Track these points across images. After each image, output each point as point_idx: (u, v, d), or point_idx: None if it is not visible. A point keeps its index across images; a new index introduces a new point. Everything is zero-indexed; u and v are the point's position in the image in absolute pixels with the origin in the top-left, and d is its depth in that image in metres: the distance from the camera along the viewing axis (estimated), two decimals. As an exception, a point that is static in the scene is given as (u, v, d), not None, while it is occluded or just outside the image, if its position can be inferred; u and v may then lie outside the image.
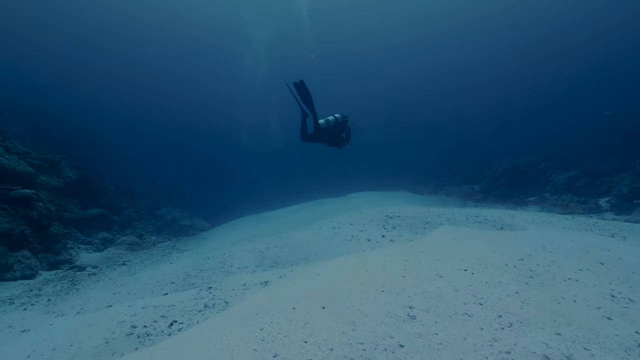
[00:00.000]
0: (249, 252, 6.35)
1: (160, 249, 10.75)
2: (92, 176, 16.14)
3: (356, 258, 4.01)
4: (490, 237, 4.74)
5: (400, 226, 6.35)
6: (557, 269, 3.53)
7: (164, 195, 23.95)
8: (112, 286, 6.04)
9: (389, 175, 30.28)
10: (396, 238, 5.57)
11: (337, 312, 2.81)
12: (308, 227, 7.13)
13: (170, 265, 7.09)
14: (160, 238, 14.96)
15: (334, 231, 6.32)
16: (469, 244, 4.31)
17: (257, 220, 13.25)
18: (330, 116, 6.76)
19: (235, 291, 4.36)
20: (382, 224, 6.53)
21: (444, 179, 22.48)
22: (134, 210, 17.46)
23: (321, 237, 6.10)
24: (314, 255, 5.36)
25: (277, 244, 6.45)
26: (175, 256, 8.55)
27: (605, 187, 13.26)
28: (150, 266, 7.71)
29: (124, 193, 19.11)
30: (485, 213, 6.89)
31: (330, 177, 35.26)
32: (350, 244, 5.51)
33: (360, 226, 6.46)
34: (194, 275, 5.82)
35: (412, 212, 7.12)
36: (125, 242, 12.51)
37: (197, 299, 4.35)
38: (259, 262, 5.78)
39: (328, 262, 4.02)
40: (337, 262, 3.98)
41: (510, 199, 15.37)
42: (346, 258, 4.08)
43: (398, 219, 6.75)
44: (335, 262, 3.99)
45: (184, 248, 9.97)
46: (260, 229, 9.61)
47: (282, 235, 6.86)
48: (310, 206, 13.94)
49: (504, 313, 2.57)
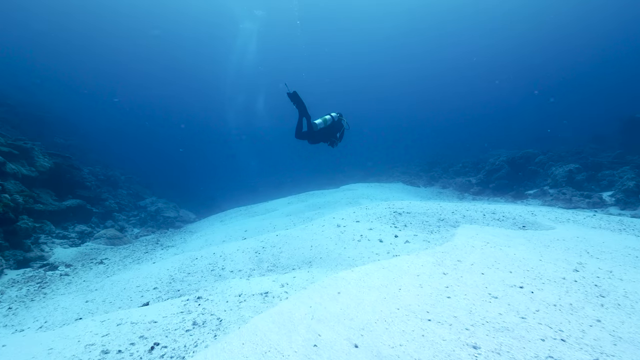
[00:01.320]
0: (242, 253, 5.63)
1: (143, 244, 9.93)
2: (70, 164, 15.08)
3: (380, 269, 3.30)
4: (524, 239, 4.15)
5: (412, 224, 5.72)
6: (621, 282, 2.95)
7: (148, 185, 22.90)
8: (86, 291, 5.26)
9: (380, 167, 29.82)
10: (411, 238, 4.92)
11: (376, 355, 2.11)
12: (308, 224, 6.44)
13: (153, 265, 6.33)
14: (144, 231, 14.10)
15: (339, 229, 5.63)
16: (507, 249, 3.70)
17: (247, 213, 12.50)
18: (327, 115, 7.08)
19: (230, 304, 3.65)
20: (392, 222, 5.89)
21: (438, 171, 22.03)
22: (115, 201, 16.49)
23: (325, 236, 5.41)
24: (319, 259, 4.67)
25: (274, 242, 5.75)
26: (159, 254, 7.77)
27: (607, 180, 12.92)
28: (131, 266, 6.93)
29: (104, 182, 18.09)
30: (502, 209, 6.32)
31: (320, 169, 34.68)
32: (361, 246, 4.84)
33: (368, 224, 5.80)
34: (180, 279, 5.09)
35: (422, 208, 6.48)
36: (104, 235, 11.63)
37: (184, 312, 3.63)
38: (255, 265, 5.07)
39: (346, 275, 3.29)
40: (358, 275, 3.25)
41: (509, 192, 14.96)
42: (368, 268, 3.37)
43: (408, 216, 6.12)
44: (356, 275, 3.27)
45: (168, 244, 9.19)
46: (252, 223, 8.88)
47: (279, 233, 6.15)
48: (303, 198, 13.24)
49: (600, 355, 1.95)
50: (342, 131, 7.43)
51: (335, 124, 7.18)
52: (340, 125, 7.32)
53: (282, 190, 32.65)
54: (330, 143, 7.35)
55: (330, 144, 7.39)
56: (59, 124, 27.09)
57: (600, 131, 27.04)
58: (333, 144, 7.37)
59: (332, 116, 7.15)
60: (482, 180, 16.53)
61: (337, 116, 7.25)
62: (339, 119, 7.30)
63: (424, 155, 30.34)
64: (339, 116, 7.33)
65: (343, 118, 7.42)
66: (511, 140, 32.16)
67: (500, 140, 34.74)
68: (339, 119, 7.30)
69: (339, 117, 7.29)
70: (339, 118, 7.29)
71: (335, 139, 7.30)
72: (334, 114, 7.25)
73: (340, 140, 7.46)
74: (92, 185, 15.56)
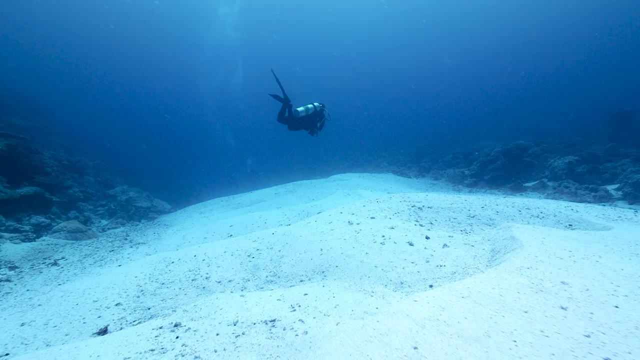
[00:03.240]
0: (231, 256, 4.51)
1: (109, 240, 8.62)
2: (27, 147, 13.40)
3: (458, 298, 2.20)
4: (600, 245, 3.26)
5: (438, 222, 4.75)
6: None
7: (118, 172, 21.18)
8: (25, 307, 4.03)
9: (365, 157, 28.99)
10: (448, 241, 3.94)
11: None
12: (308, 219, 5.36)
13: (119, 269, 5.14)
14: (112, 223, 12.68)
15: (353, 228, 4.58)
16: (602, 260, 2.76)
17: (229, 204, 11.29)
18: (310, 104, 7.49)
19: (222, 339, 2.56)
20: (415, 218, 4.90)
21: (427, 161, 21.31)
22: (81, 189, 14.90)
23: (336, 236, 4.36)
24: (334, 267, 3.61)
25: (271, 243, 4.65)
26: (127, 253, 6.54)
27: (609, 173, 12.43)
28: (91, 269, 5.68)
29: (68, 168, 16.38)
30: (534, 204, 5.43)
31: (302, 158, 33.58)
32: (386, 250, 3.81)
33: (387, 221, 4.79)
34: (152, 292, 3.95)
35: (444, 201, 5.51)
36: (65, 229, 10.19)
37: (156, 352, 2.53)
38: (250, 274, 3.98)
39: (408, 308, 2.18)
40: (427, 308, 2.14)
41: (506, 184, 14.33)
42: (437, 296, 2.24)
43: (430, 211, 5.14)
44: (425, 308, 2.15)
45: (139, 240, 7.93)
46: (238, 217, 7.72)
47: (275, 231, 5.04)
48: (292, 188, 12.13)
49: None
50: (323, 121, 7.88)
51: (316, 114, 7.62)
52: (321, 115, 7.77)
53: (260, 180, 31.46)
54: (311, 131, 7.82)
55: (311, 132, 7.85)
56: (21, 104, 24.76)
57: (585, 124, 27.04)
58: (313, 132, 7.85)
59: (314, 105, 7.54)
60: (476, 171, 15.86)
61: (319, 106, 7.66)
62: (321, 109, 7.72)
63: (409, 146, 29.68)
64: (321, 107, 7.73)
65: (325, 109, 7.85)
66: (495, 133, 31.91)
67: (483, 132, 34.53)
68: (321, 109, 7.72)
69: (321, 108, 7.70)
70: (321, 108, 7.70)
71: (315, 128, 7.76)
72: (317, 103, 7.64)
73: (320, 129, 7.93)
74: (54, 171, 13.91)
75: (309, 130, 7.81)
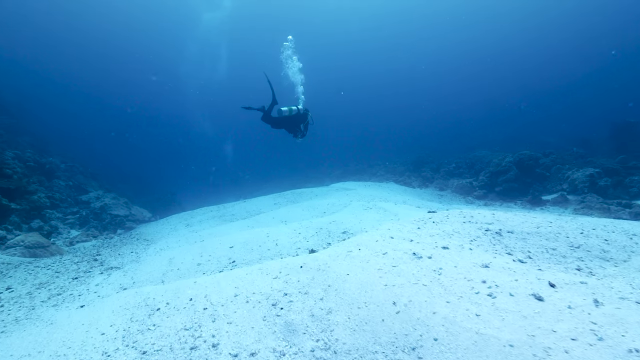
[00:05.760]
0: (247, 303, 3.08)
1: (75, 260, 7.00)
2: (-17, 146, 11.60)
3: None
4: None
5: (537, 255, 3.44)
6: None
7: (93, 176, 19.27)
8: None
9: (358, 165, 27.83)
10: (592, 292, 2.64)
11: None
12: (348, 246, 3.94)
13: (80, 314, 3.66)
14: (83, 235, 10.95)
15: (425, 264, 3.16)
16: None
17: (221, 215, 9.76)
18: (294, 107, 7.75)
19: None
20: (502, 249, 3.56)
21: (427, 170, 20.20)
22: (48, 195, 13.07)
23: (408, 278, 2.94)
24: (432, 342, 2.22)
25: (303, 284, 3.23)
26: (95, 283, 4.98)
27: (637, 187, 11.52)
28: (40, 310, 4.11)
29: (35, 171, 14.51)
30: (635, 228, 4.23)
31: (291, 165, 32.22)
32: (507, 311, 2.41)
33: (467, 252, 3.42)
34: (127, 371, 2.48)
35: (524, 223, 4.20)
36: (21, 243, 8.48)
37: None
38: (284, 342, 2.55)
39: None
40: None
41: (521, 197, 13.28)
42: None
43: (514, 238, 3.82)
44: None
45: (112, 262, 6.33)
46: (238, 234, 6.25)
47: (304, 263, 3.62)
48: (292, 198, 10.70)
49: None
50: (307, 124, 8.05)
51: (300, 116, 7.82)
52: (304, 118, 7.92)
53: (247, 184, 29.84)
54: (294, 134, 8.00)
55: (294, 135, 8.02)
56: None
57: (581, 135, 26.61)
58: (297, 134, 8.01)
59: (298, 108, 7.76)
60: (485, 182, 14.78)
61: (303, 109, 7.88)
62: (305, 112, 7.91)
63: (402, 154, 28.67)
64: (305, 110, 7.94)
65: (309, 113, 8.02)
66: (487, 142, 31.24)
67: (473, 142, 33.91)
68: (305, 112, 7.91)
69: (304, 111, 7.92)
70: (304, 112, 7.91)
71: (299, 130, 7.98)
72: (301, 107, 7.90)
73: (305, 133, 8.11)
74: (16, 174, 12.08)
75: (292, 134, 8.01)
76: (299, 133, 8.02)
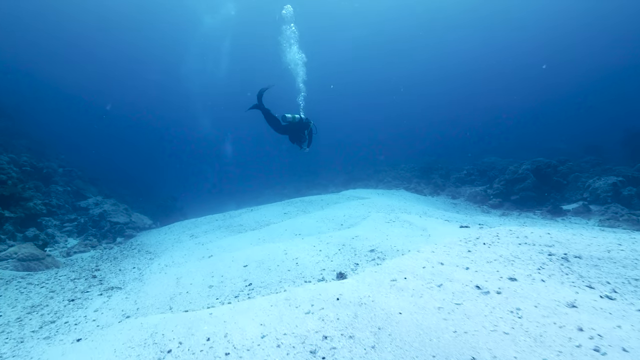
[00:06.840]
0: (278, 348, 2.51)
1: (72, 277, 6.41)
2: (-24, 149, 11.06)
3: None
4: None
5: (620, 288, 2.91)
6: None
7: (92, 181, 18.69)
8: None
9: (364, 171, 27.27)
10: None
11: None
12: (391, 272, 3.35)
13: (75, 356, 3.09)
14: (81, 244, 10.38)
15: (495, 301, 2.54)
16: None
17: (228, 226, 9.17)
18: (297, 115, 7.92)
19: None
20: (577, 279, 3.03)
21: (436, 177, 19.66)
22: (44, 201, 12.51)
23: (477, 321, 2.38)
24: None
25: (346, 325, 2.64)
26: (94, 308, 4.40)
27: (664, 198, 10.98)
28: (30, 344, 3.53)
29: (31, 176, 13.94)
30: None
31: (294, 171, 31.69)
32: None
33: (540, 285, 2.84)
34: None
35: (591, 246, 3.63)
36: (14, 255, 7.91)
37: None
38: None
39: None
40: None
41: (539, 206, 12.73)
42: None
43: (585, 264, 3.27)
44: None
45: (113, 280, 5.75)
46: (251, 250, 5.68)
47: (341, 295, 3.04)
48: (302, 207, 10.13)
49: None
50: (310, 133, 8.11)
51: (302, 125, 7.93)
52: (306, 126, 7.98)
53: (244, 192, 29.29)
54: (299, 144, 8.09)
55: (299, 145, 8.12)
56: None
57: (591, 142, 26.12)
58: (301, 144, 8.09)
59: (300, 117, 7.91)
60: (500, 191, 14.22)
61: (305, 118, 7.97)
62: (307, 121, 7.98)
63: (409, 160, 28.13)
64: (307, 120, 8.00)
65: (312, 123, 8.08)
66: (497, 149, 30.76)
67: (481, 149, 33.50)
68: (307, 121, 7.98)
69: (307, 120, 7.99)
70: (307, 120, 7.98)
71: (303, 137, 8.01)
72: (304, 116, 7.99)
73: (309, 144, 8.22)
74: (11, 179, 11.52)
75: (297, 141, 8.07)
76: (305, 142, 8.12)
